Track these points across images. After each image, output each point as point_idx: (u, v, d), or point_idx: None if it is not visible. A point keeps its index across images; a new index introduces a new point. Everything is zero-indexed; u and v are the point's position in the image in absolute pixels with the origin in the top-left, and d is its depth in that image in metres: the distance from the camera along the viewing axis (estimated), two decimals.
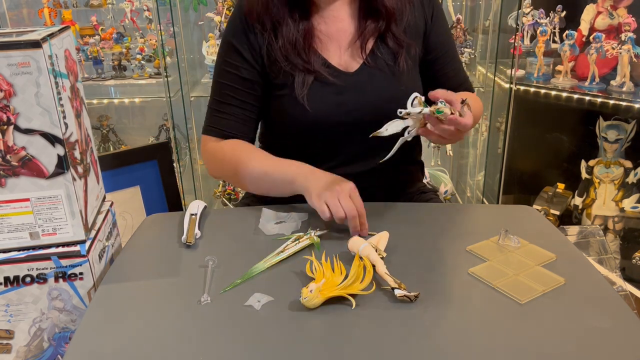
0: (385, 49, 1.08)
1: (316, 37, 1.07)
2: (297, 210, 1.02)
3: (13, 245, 0.81)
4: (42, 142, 0.76)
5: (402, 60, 1.08)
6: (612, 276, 1.60)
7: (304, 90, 1.04)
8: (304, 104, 1.04)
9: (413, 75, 1.11)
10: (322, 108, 1.05)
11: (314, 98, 1.04)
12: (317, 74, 1.05)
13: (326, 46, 1.08)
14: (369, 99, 1.06)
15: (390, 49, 1.08)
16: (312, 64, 1.05)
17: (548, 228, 0.96)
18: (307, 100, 1.04)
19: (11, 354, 0.85)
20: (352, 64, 1.08)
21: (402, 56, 1.08)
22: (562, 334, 0.68)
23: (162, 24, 2.00)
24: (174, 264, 0.87)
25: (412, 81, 1.10)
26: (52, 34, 0.77)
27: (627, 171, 1.99)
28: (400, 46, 1.08)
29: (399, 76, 1.07)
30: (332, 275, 0.77)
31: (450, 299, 0.77)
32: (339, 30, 1.08)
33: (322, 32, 1.08)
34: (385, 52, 1.08)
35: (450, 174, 2.48)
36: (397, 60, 1.08)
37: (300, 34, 1.05)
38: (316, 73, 1.05)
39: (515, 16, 1.98)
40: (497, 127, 2.16)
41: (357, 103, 1.06)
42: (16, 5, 2.34)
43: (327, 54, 1.07)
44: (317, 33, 1.07)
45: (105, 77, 2.28)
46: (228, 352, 0.67)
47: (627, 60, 1.84)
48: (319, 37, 1.07)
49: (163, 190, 1.38)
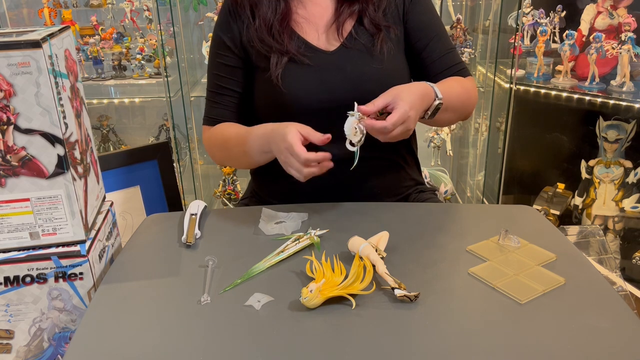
0: (363, 31, 1.10)
1: (293, 19, 1.10)
2: (297, 210, 1.02)
3: (13, 245, 0.81)
4: (42, 142, 0.76)
5: (381, 43, 1.09)
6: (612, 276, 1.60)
7: (278, 70, 1.06)
8: (279, 84, 1.06)
9: (396, 57, 1.12)
10: (299, 88, 1.06)
11: (289, 79, 1.06)
12: (292, 55, 1.07)
13: (304, 28, 1.10)
14: (348, 78, 1.07)
15: (368, 31, 1.10)
16: (286, 45, 1.07)
17: (548, 228, 0.96)
18: (281, 80, 1.06)
19: (11, 354, 0.85)
20: (330, 45, 1.10)
21: (381, 38, 1.09)
22: (562, 334, 0.68)
23: (162, 24, 2.00)
24: (174, 264, 0.87)
25: (394, 63, 1.11)
26: (52, 34, 0.77)
27: (627, 171, 1.99)
28: (378, 29, 1.09)
29: (378, 57, 1.08)
30: (332, 275, 0.77)
31: (450, 299, 0.77)
32: (316, 13, 1.11)
33: (300, 15, 1.11)
34: (363, 34, 1.10)
35: (450, 174, 2.48)
36: (374, 42, 1.09)
37: (277, 17, 1.08)
38: (291, 54, 1.07)
39: (515, 16, 1.98)
40: (497, 127, 2.16)
41: (337, 81, 1.07)
42: (16, 5, 2.34)
43: (305, 36, 1.10)
44: (294, 16, 1.10)
45: (105, 77, 2.28)
46: (228, 352, 0.67)
47: (627, 60, 1.84)
48: (296, 20, 1.10)
49: (163, 190, 1.38)
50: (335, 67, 1.08)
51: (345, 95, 1.04)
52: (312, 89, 1.07)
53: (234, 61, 1.12)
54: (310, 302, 0.72)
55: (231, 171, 2.36)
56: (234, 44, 1.11)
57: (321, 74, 1.07)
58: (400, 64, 1.13)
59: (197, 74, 2.34)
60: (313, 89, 1.07)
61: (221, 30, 1.13)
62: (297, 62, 1.07)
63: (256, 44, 1.08)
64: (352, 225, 0.97)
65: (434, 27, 1.15)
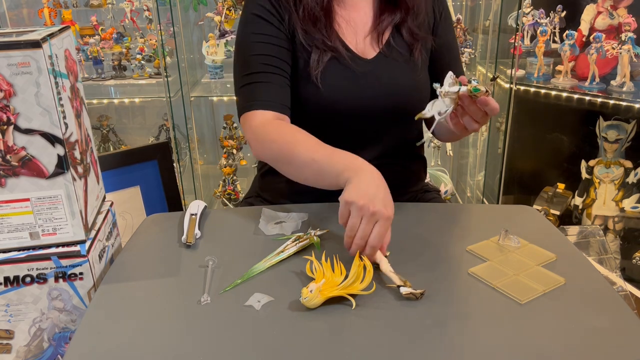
0: (400, 41, 1.10)
1: (335, 19, 1.07)
2: (297, 210, 1.02)
3: (13, 245, 0.81)
4: (42, 142, 0.76)
5: (418, 53, 1.09)
6: (612, 276, 1.60)
7: (319, 67, 1.02)
8: (317, 83, 1.03)
9: (426, 69, 1.13)
10: (336, 90, 1.04)
11: (328, 79, 1.03)
12: (334, 53, 1.04)
13: (344, 30, 1.08)
14: (384, 86, 1.06)
15: (405, 41, 1.09)
16: (332, 41, 1.04)
17: (548, 228, 0.96)
18: (320, 79, 1.03)
19: (11, 354, 0.85)
20: (369, 51, 1.09)
21: (418, 49, 1.09)
22: (562, 334, 0.68)
23: (162, 24, 2.00)
24: (174, 264, 0.87)
25: (425, 74, 1.12)
26: (52, 34, 0.77)
27: (627, 171, 1.99)
28: (416, 39, 1.09)
29: (413, 67, 1.09)
30: (332, 275, 0.77)
31: (450, 299, 0.76)
32: (356, 18, 1.10)
33: (342, 15, 1.08)
34: (400, 44, 1.09)
35: (450, 174, 2.48)
36: (412, 52, 1.09)
37: (322, 11, 1.04)
38: (334, 51, 1.04)
39: (515, 16, 1.98)
40: (497, 127, 2.16)
41: (372, 89, 1.06)
42: (16, 5, 2.34)
43: (344, 39, 1.07)
44: (336, 16, 1.07)
45: (105, 77, 2.28)
46: (228, 352, 0.67)
47: (627, 60, 1.84)
48: (337, 20, 1.07)
49: (163, 190, 1.38)
50: (373, 75, 1.06)
51: (378, 102, 1.05)
52: (349, 93, 1.05)
53: (283, 41, 1.03)
54: (310, 302, 0.72)
55: (231, 171, 2.36)
56: (281, 25, 1.04)
57: (359, 80, 1.06)
58: (427, 76, 1.13)
59: (197, 74, 2.34)
60: (350, 93, 1.05)
61: (261, 10, 1.04)
62: (339, 62, 1.05)
63: (300, 36, 1.03)
64: None
65: (455, 47, 1.18)
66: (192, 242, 0.91)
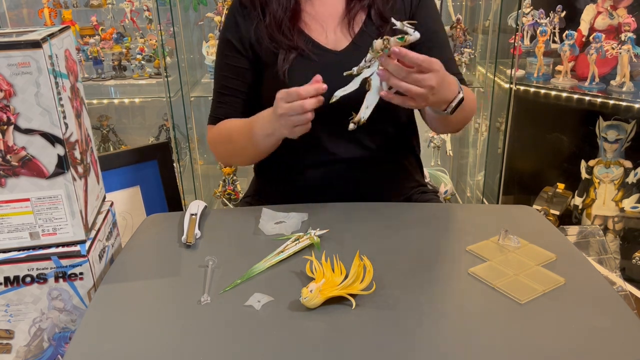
0: (372, 28, 1.10)
1: (302, 18, 1.11)
2: (297, 210, 1.02)
3: (13, 245, 0.81)
4: (42, 142, 0.76)
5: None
6: (612, 276, 1.60)
7: (285, 65, 1.06)
8: (285, 80, 1.06)
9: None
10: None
11: (295, 75, 1.06)
12: (300, 51, 1.07)
13: (312, 27, 1.11)
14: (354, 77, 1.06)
15: (374, 24, 1.10)
16: (295, 41, 1.07)
17: (548, 228, 0.96)
18: (287, 76, 1.06)
19: (11, 354, 0.85)
20: (341, 43, 1.10)
21: (387, 33, 1.07)
22: (562, 334, 0.68)
23: (162, 24, 2.00)
24: (174, 264, 0.87)
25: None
26: (52, 34, 0.77)
27: (627, 171, 1.99)
28: (385, 21, 1.09)
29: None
30: (332, 275, 0.77)
31: (450, 299, 0.77)
32: (324, 12, 1.11)
33: (309, 13, 1.11)
34: (373, 31, 1.10)
35: (450, 174, 2.48)
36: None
37: (288, 14, 1.08)
38: (299, 49, 1.07)
39: (515, 16, 1.98)
40: (497, 127, 2.16)
41: (342, 81, 1.05)
42: (16, 5, 2.34)
43: (313, 34, 1.10)
44: (303, 14, 1.11)
45: (105, 77, 2.28)
46: (228, 352, 0.67)
47: (627, 60, 1.84)
48: (304, 18, 1.11)
49: (163, 190, 1.38)
50: (341, 65, 1.06)
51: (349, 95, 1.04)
52: None
53: (242, 62, 1.13)
54: (310, 302, 0.72)
55: (231, 171, 2.36)
56: (242, 45, 1.12)
57: (327, 73, 1.06)
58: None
59: (197, 74, 2.34)
60: None
61: (229, 31, 1.13)
62: (305, 58, 1.07)
63: (265, 41, 1.09)
64: (352, 225, 0.97)
65: (438, 35, 1.16)
66: (192, 242, 0.91)
